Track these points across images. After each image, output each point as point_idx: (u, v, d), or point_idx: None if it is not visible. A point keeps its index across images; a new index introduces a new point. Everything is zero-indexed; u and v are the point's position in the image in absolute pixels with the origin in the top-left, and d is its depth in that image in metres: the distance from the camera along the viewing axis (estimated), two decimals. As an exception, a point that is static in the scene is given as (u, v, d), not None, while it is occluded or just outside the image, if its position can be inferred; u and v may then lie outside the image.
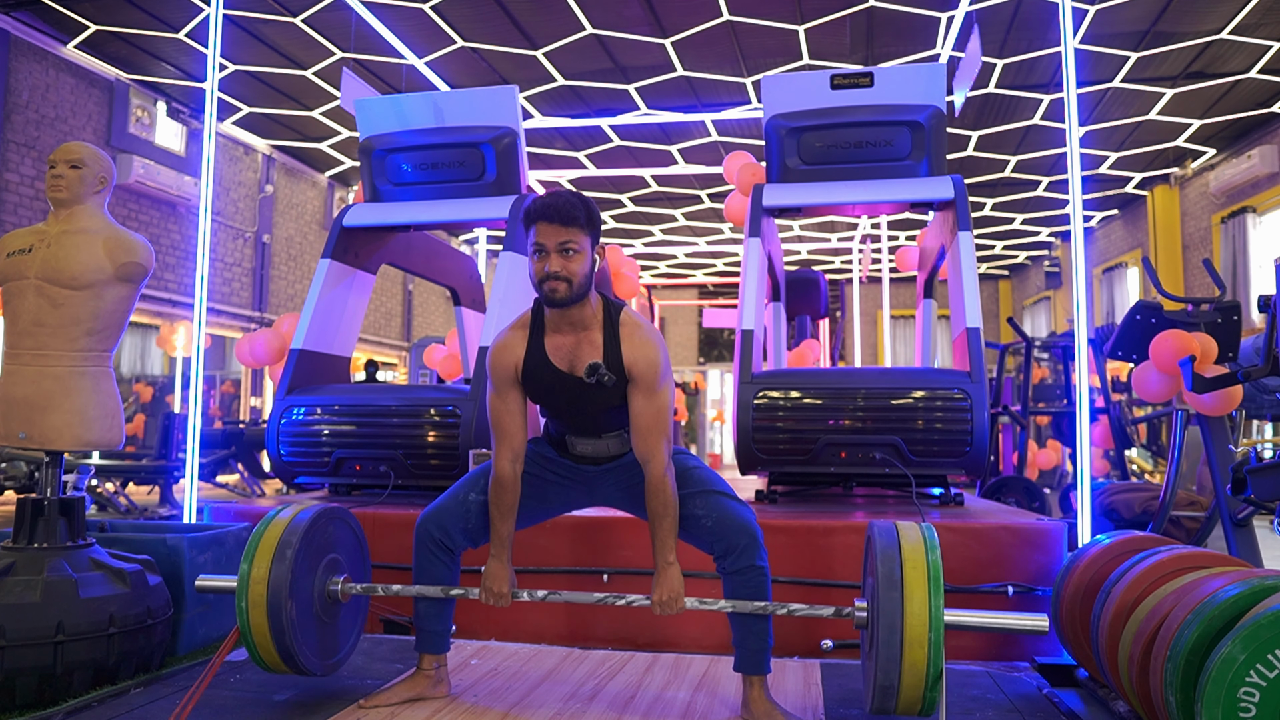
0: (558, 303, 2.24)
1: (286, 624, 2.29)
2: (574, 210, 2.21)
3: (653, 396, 2.27)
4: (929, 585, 1.98)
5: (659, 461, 2.26)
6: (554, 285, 2.21)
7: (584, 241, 2.24)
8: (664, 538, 2.27)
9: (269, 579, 2.30)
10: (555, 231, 2.21)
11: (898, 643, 1.94)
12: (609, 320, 2.31)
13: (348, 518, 2.63)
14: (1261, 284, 10.54)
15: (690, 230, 15.12)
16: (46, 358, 2.74)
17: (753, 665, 2.36)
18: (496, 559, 2.36)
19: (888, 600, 1.98)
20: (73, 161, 2.84)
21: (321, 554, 2.47)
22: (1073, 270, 3.54)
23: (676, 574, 2.26)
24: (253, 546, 2.35)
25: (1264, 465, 2.82)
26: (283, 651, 2.32)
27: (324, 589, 2.47)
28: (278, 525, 2.40)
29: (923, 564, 2.01)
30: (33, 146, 8.62)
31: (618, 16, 7.86)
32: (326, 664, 2.48)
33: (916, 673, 1.94)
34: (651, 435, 2.27)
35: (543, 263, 2.22)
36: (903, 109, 4.11)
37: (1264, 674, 1.71)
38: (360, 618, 2.70)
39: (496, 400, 2.36)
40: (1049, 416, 7.43)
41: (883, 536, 2.13)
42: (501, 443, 2.35)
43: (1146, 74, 9.05)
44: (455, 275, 5.22)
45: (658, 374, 2.28)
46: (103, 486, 7.29)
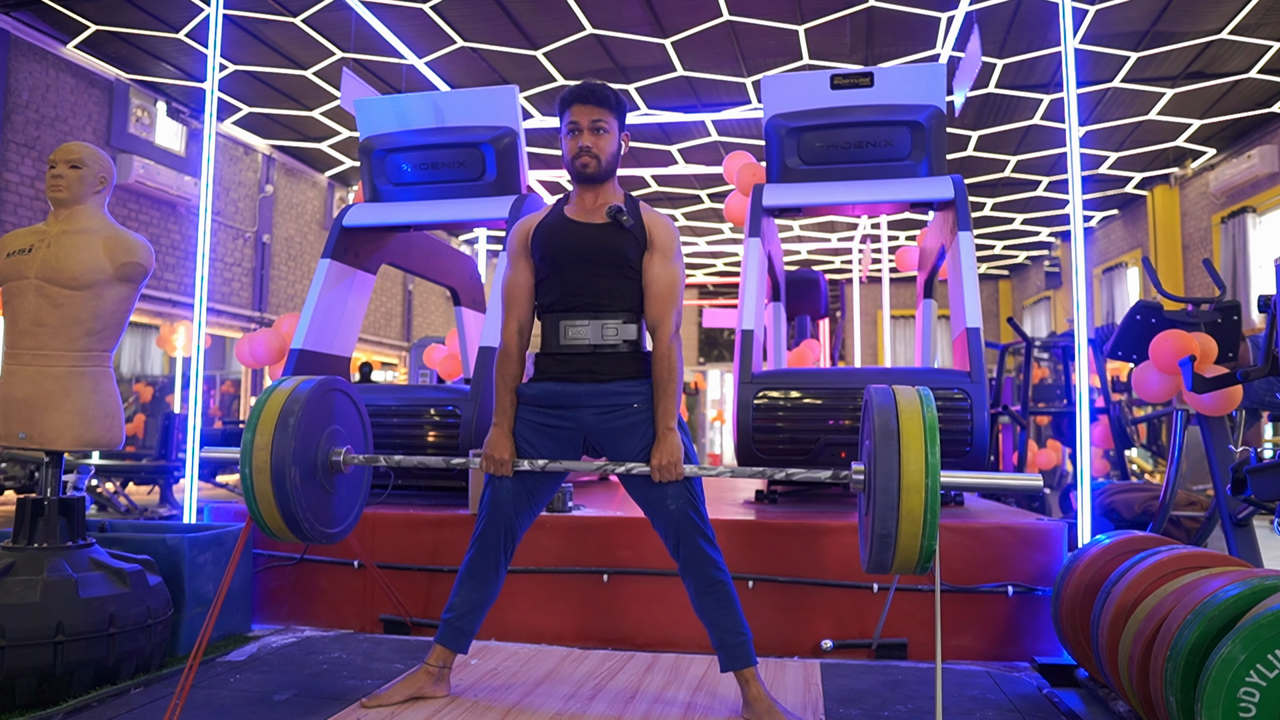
0: (588, 177, 2.44)
1: (290, 490, 2.32)
2: (605, 93, 2.44)
3: (668, 264, 2.44)
4: (925, 436, 1.98)
5: (667, 328, 2.40)
6: (585, 160, 2.43)
7: (612, 122, 2.45)
8: (666, 404, 2.37)
9: (272, 446, 2.32)
10: (588, 111, 2.42)
11: (895, 489, 1.94)
12: (629, 199, 2.53)
13: (350, 391, 2.66)
14: (1261, 284, 10.54)
15: (690, 230, 15.12)
16: (46, 358, 2.75)
17: (736, 660, 2.35)
18: (499, 427, 2.45)
19: (885, 450, 1.98)
20: (73, 161, 2.84)
21: (324, 424, 2.50)
22: (1073, 270, 3.54)
23: (677, 440, 2.35)
24: (255, 415, 2.38)
25: (1264, 465, 2.82)
26: (287, 517, 2.35)
27: (326, 458, 2.50)
28: (280, 394, 2.42)
29: (919, 417, 2.02)
30: (33, 146, 8.62)
31: (618, 16, 7.85)
32: (328, 532, 2.51)
33: (914, 519, 1.94)
34: (663, 302, 2.41)
35: (576, 140, 2.43)
36: (903, 109, 4.11)
37: (1264, 674, 1.71)
38: (362, 493, 2.73)
39: (509, 274, 2.54)
40: (1049, 416, 7.43)
41: (879, 396, 2.14)
42: (510, 312, 2.52)
43: (1146, 74, 9.04)
44: (455, 275, 5.22)
45: (674, 245, 2.46)
46: (103, 486, 7.29)
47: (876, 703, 2.54)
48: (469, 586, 2.48)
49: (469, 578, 2.49)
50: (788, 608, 3.16)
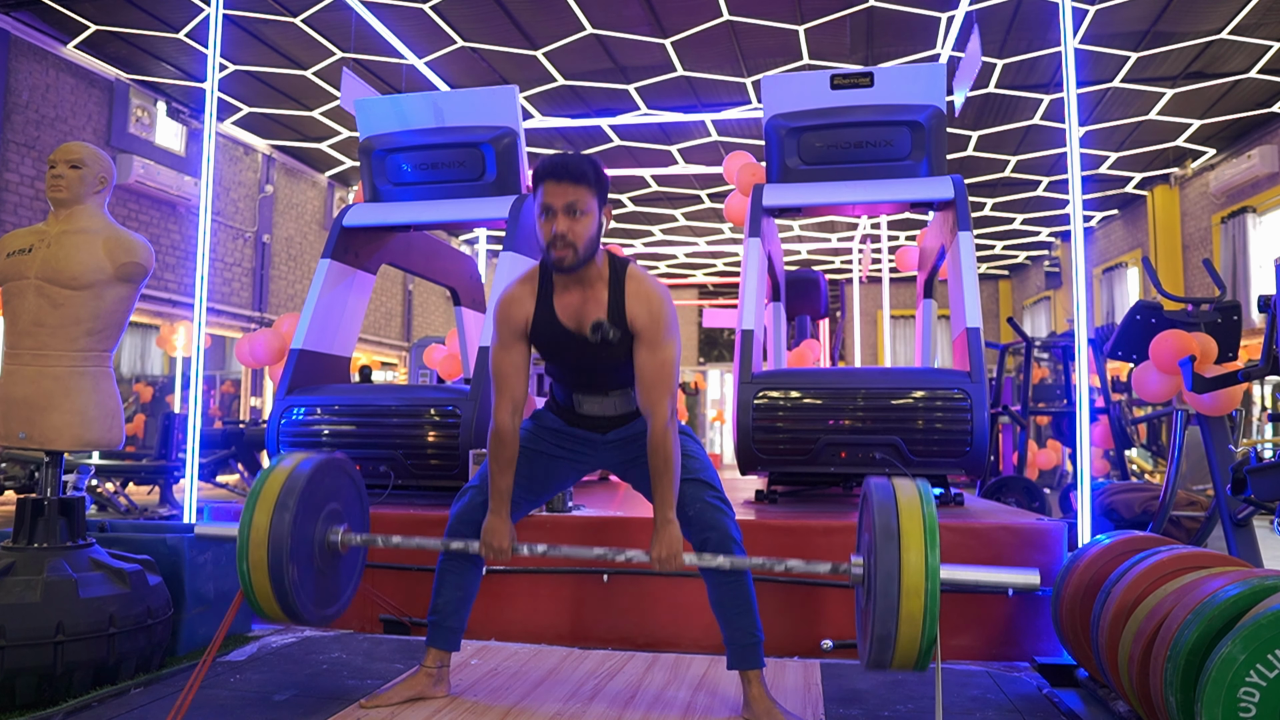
0: (565, 269, 2.24)
1: (286, 573, 2.28)
2: (582, 169, 2.20)
3: (656, 350, 2.27)
4: (925, 537, 1.98)
5: (661, 416, 2.25)
6: (561, 253, 2.21)
7: (591, 202, 2.22)
8: (664, 494, 2.26)
9: (270, 528, 2.29)
10: (563, 191, 2.19)
11: (895, 592, 1.94)
12: (615, 276, 2.31)
13: (348, 468, 2.63)
14: (1261, 284, 10.54)
15: (690, 230, 15.12)
16: (46, 358, 2.74)
17: (745, 660, 2.36)
18: (496, 514, 2.36)
19: (885, 551, 1.98)
20: (73, 161, 2.84)
21: (322, 504, 2.47)
22: (1073, 270, 3.54)
23: (676, 531, 2.25)
24: (255, 494, 2.35)
25: (1264, 465, 2.82)
26: (282, 600, 2.31)
27: (324, 539, 2.46)
28: (279, 474, 2.39)
29: (919, 516, 2.02)
30: (33, 146, 8.62)
31: (618, 16, 7.85)
32: (324, 613, 2.47)
33: (913, 623, 1.94)
34: (655, 389, 2.26)
35: (550, 224, 2.21)
36: (903, 109, 4.11)
37: (1264, 674, 1.71)
38: (359, 568, 2.69)
39: (501, 352, 2.37)
40: (1049, 416, 7.43)
41: (879, 492, 2.14)
42: (502, 394, 2.35)
43: (1146, 74, 9.04)
44: (455, 275, 5.22)
45: (661, 328, 2.28)
46: (103, 486, 7.29)
47: (876, 703, 2.54)
48: (449, 585, 2.49)
49: (447, 576, 2.49)
50: (788, 608, 3.16)
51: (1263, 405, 9.91)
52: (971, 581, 2.11)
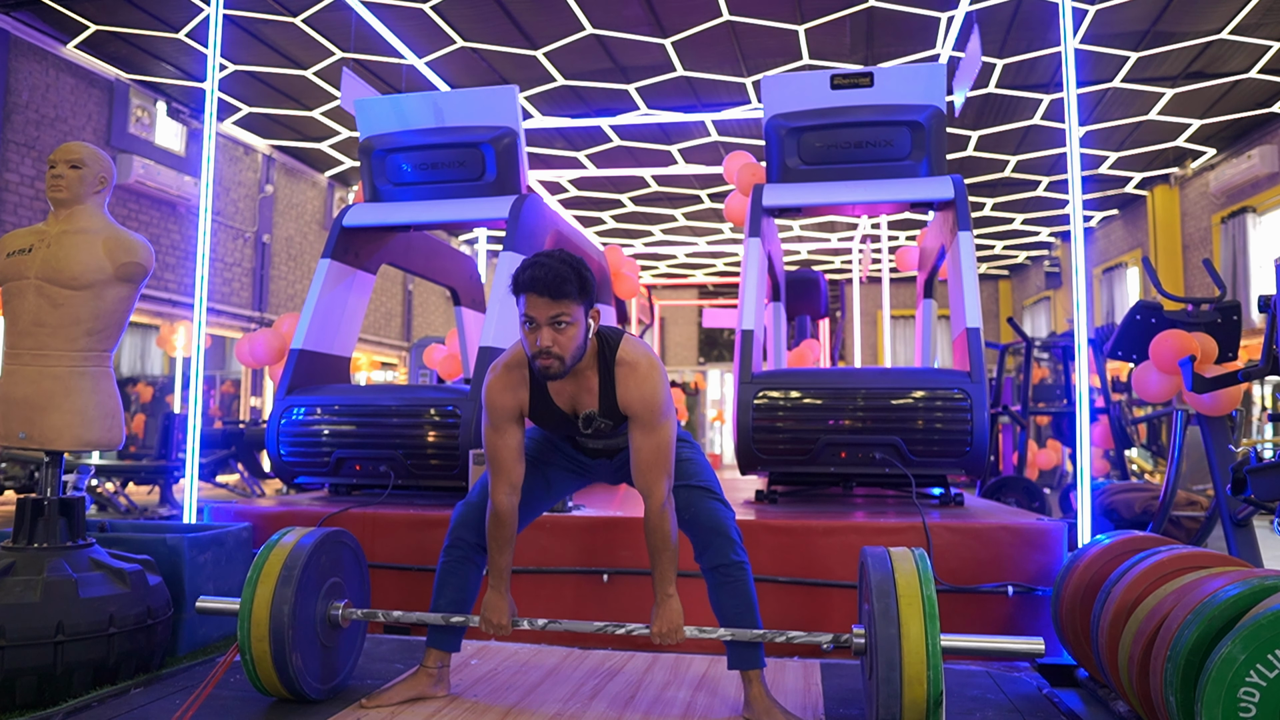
0: (551, 378, 2.19)
1: (288, 651, 2.28)
2: (564, 283, 2.10)
3: (651, 433, 2.24)
4: (924, 620, 2.00)
5: (657, 498, 2.24)
6: (546, 363, 2.15)
7: (576, 312, 2.14)
8: (663, 571, 2.27)
9: (271, 605, 2.29)
10: (545, 305, 2.11)
11: (897, 680, 1.97)
12: (604, 363, 2.27)
13: (348, 540, 2.63)
14: (1261, 284, 10.54)
15: (690, 230, 15.12)
16: (46, 358, 2.74)
17: (746, 660, 2.36)
18: (495, 590, 2.35)
19: (885, 636, 2.00)
20: (73, 161, 2.84)
21: (323, 579, 2.46)
22: (1073, 270, 3.54)
23: (676, 606, 2.27)
24: (256, 571, 2.35)
25: (1264, 465, 2.82)
26: (284, 677, 2.32)
27: (325, 614, 2.46)
28: (281, 550, 2.39)
29: (918, 599, 2.03)
30: (33, 146, 8.62)
31: (618, 16, 7.85)
32: (326, 688, 2.47)
33: (917, 707, 1.98)
34: (651, 471, 2.24)
35: (534, 336, 2.15)
36: (903, 109, 4.11)
37: (1264, 674, 1.71)
38: (359, 640, 2.69)
39: (494, 436, 2.32)
40: (1049, 416, 7.43)
41: (876, 568, 2.14)
42: (498, 477, 2.32)
43: (1146, 74, 9.04)
44: (455, 275, 5.22)
45: (655, 412, 2.24)
46: (103, 486, 7.29)
47: (876, 703, 2.54)
48: (449, 587, 2.49)
49: (448, 577, 2.49)
50: (788, 608, 3.16)
51: (1263, 405, 9.91)
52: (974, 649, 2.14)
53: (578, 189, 12.70)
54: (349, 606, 2.52)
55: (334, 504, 3.69)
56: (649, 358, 2.29)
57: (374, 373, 14.66)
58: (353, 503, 3.71)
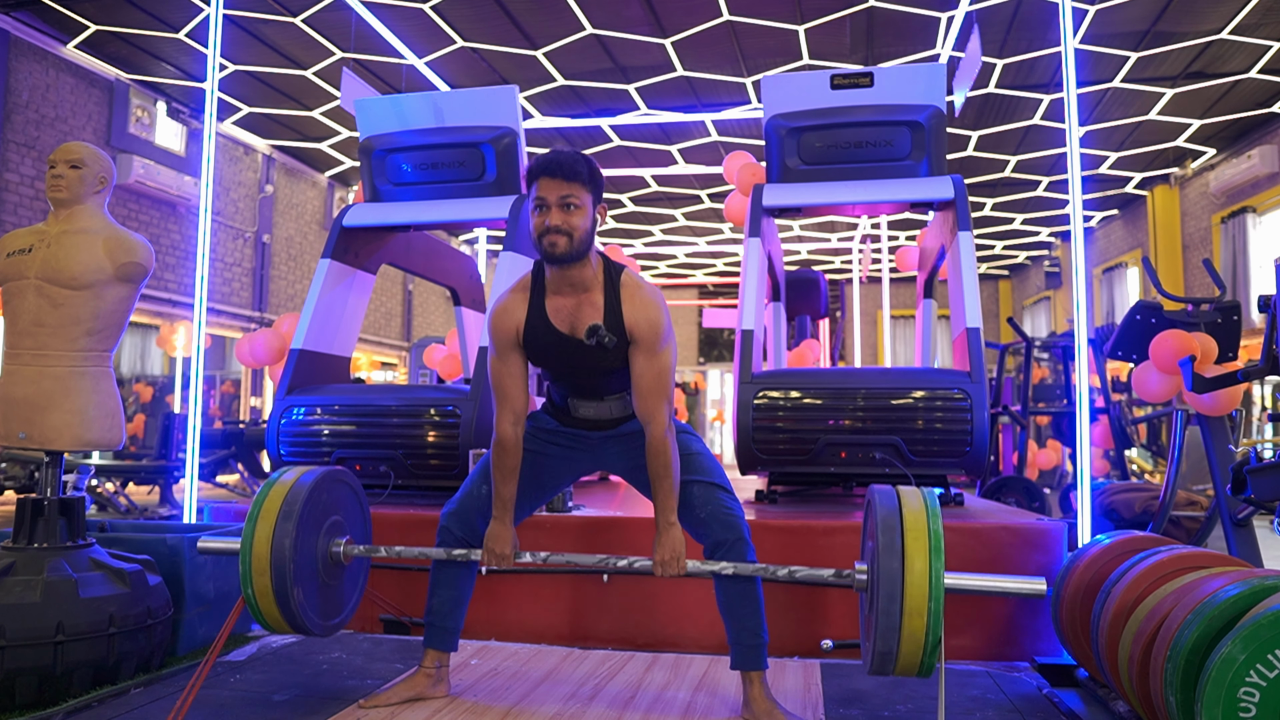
0: (558, 258, 2.22)
1: (290, 586, 2.29)
2: (576, 166, 2.22)
3: (653, 358, 2.28)
4: (929, 554, 1.96)
5: (659, 423, 2.27)
6: (554, 239, 2.20)
7: (585, 197, 2.24)
8: (664, 499, 2.28)
9: (272, 541, 2.30)
10: (556, 186, 2.21)
11: (897, 612, 1.94)
12: (610, 281, 2.31)
13: (350, 480, 2.64)
14: (1261, 284, 10.54)
15: (690, 230, 15.11)
16: (46, 358, 2.74)
17: (749, 661, 2.36)
18: (499, 520, 2.38)
19: (888, 569, 1.96)
20: (73, 161, 2.84)
21: (324, 516, 2.47)
22: (1073, 270, 3.54)
23: (678, 534, 2.28)
24: (256, 509, 2.36)
25: (1264, 465, 2.82)
26: (286, 612, 2.33)
27: (327, 551, 2.48)
28: (281, 487, 2.40)
29: (924, 532, 1.99)
30: (33, 146, 8.62)
31: (618, 16, 7.85)
32: (328, 625, 2.48)
33: (915, 641, 1.94)
34: (652, 396, 2.27)
35: (543, 217, 2.21)
36: (903, 109, 4.11)
37: (1264, 674, 1.71)
38: (361, 579, 2.70)
39: (498, 363, 2.37)
40: (1049, 416, 7.43)
41: (884, 502, 2.10)
42: (503, 405, 2.36)
43: (1146, 74, 9.04)
44: (455, 275, 5.22)
45: (658, 335, 2.28)
46: (103, 486, 7.29)
47: (876, 703, 2.54)
48: (443, 585, 2.49)
49: (440, 576, 2.49)
50: (789, 608, 3.16)
51: (1263, 405, 9.91)
52: (976, 588, 2.11)
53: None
54: (350, 543, 2.52)
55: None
56: (652, 286, 2.36)
57: (374, 373, 14.66)
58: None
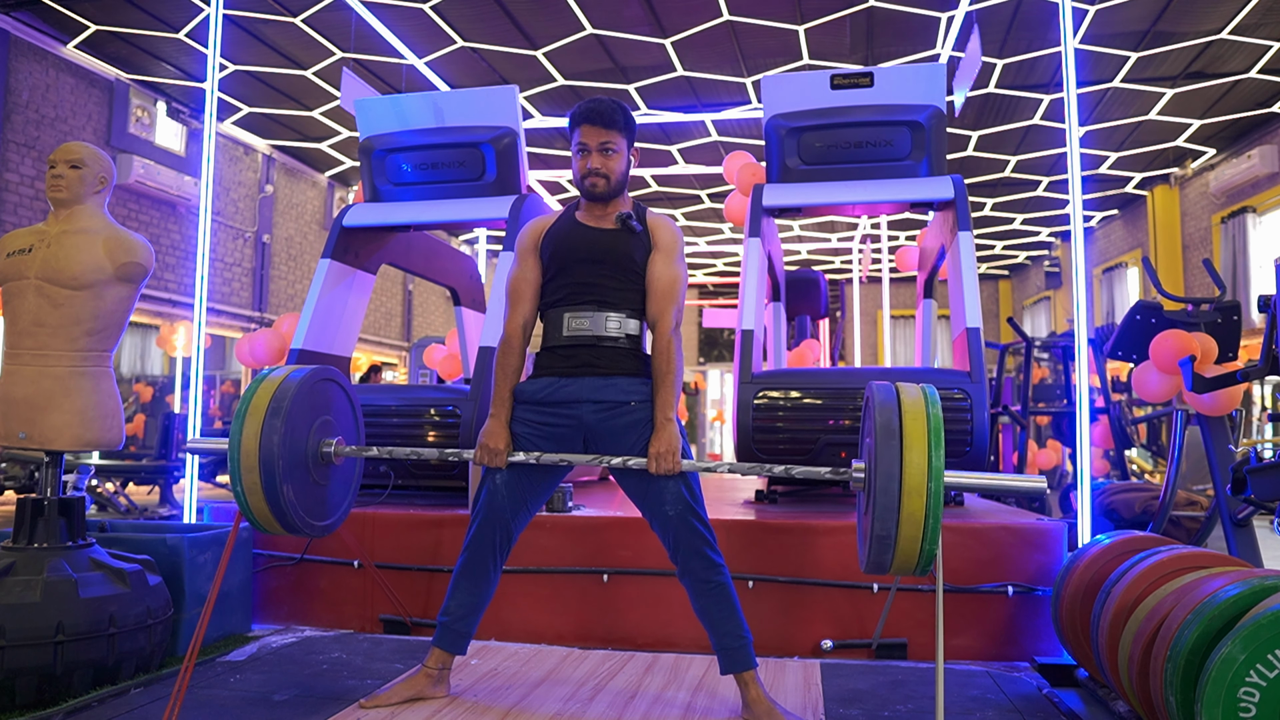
0: (598, 196, 2.50)
1: (279, 483, 2.26)
2: (614, 114, 2.49)
3: (670, 265, 2.49)
4: (929, 437, 1.92)
5: (666, 323, 2.44)
6: (595, 180, 2.48)
7: (621, 143, 2.51)
8: (665, 395, 2.39)
9: (260, 436, 2.26)
10: (597, 133, 2.47)
11: (895, 490, 1.89)
12: (637, 207, 2.61)
13: (340, 380, 2.60)
14: (1261, 284, 10.53)
15: (690, 230, 15.12)
16: (46, 358, 2.75)
17: (737, 663, 2.35)
18: (496, 418, 2.46)
19: (886, 449, 1.91)
20: (73, 161, 2.84)
21: (314, 415, 2.44)
22: (1073, 270, 3.54)
23: (674, 430, 2.37)
24: (245, 405, 2.31)
25: (1264, 465, 2.82)
26: (276, 510, 2.29)
27: (317, 449, 2.45)
28: (270, 384, 2.35)
29: (922, 415, 1.96)
30: (33, 146, 8.62)
31: (618, 16, 7.85)
32: (319, 525, 2.45)
33: (914, 523, 1.88)
34: (665, 298, 2.46)
35: (585, 160, 2.49)
36: (903, 109, 4.11)
37: (1264, 674, 1.71)
38: (354, 484, 2.66)
39: (516, 270, 2.57)
40: (1049, 416, 7.43)
41: (881, 393, 2.06)
42: (515, 307, 2.55)
43: (1146, 74, 9.04)
44: (455, 275, 5.22)
45: (676, 248, 2.53)
46: (103, 486, 7.29)
47: (876, 703, 2.54)
48: (464, 589, 2.47)
49: (464, 580, 2.48)
50: (788, 608, 3.16)
51: (1263, 405, 9.91)
52: (974, 484, 2.07)
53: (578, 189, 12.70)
54: (341, 443, 2.51)
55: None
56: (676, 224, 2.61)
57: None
58: (353, 503, 3.70)
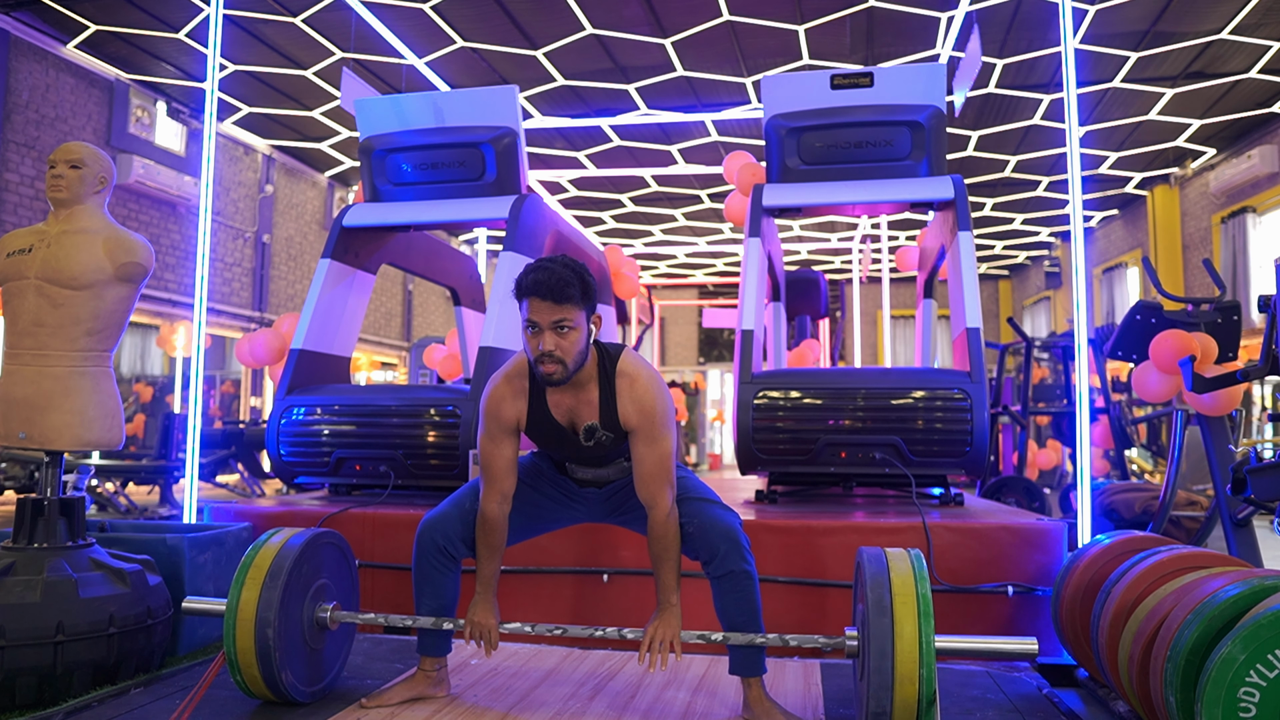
0: (554, 384, 2.21)
1: (273, 653, 2.27)
2: (567, 287, 2.14)
3: (653, 445, 2.26)
4: (919, 619, 1.98)
5: (662, 507, 2.26)
6: (550, 369, 2.18)
7: (578, 317, 2.17)
8: (666, 579, 2.28)
9: (257, 606, 2.27)
10: (548, 309, 2.14)
11: (889, 669, 1.95)
12: (604, 375, 2.29)
13: (338, 541, 2.61)
14: (1261, 284, 10.53)
15: (690, 230, 15.11)
16: (46, 358, 2.74)
17: (748, 666, 2.35)
18: (482, 598, 2.36)
19: (878, 629, 1.98)
20: (73, 161, 2.84)
21: (311, 580, 2.45)
22: (1073, 270, 3.54)
23: (676, 616, 2.26)
24: (242, 573, 2.34)
25: (1264, 465, 2.82)
26: (268, 679, 2.30)
27: (312, 616, 2.45)
28: (268, 551, 2.37)
29: (912, 597, 2.01)
30: (33, 146, 8.62)
31: (618, 16, 7.85)
32: (312, 691, 2.45)
33: (908, 707, 1.96)
34: (654, 481, 2.26)
35: (536, 340, 2.17)
36: (903, 109, 4.11)
37: (1264, 674, 1.71)
38: (347, 643, 2.67)
39: (489, 445, 2.33)
40: (1049, 416, 7.43)
41: (872, 564, 2.13)
42: (491, 485, 2.33)
43: (1146, 74, 9.04)
44: (455, 275, 5.22)
45: (656, 424, 2.25)
46: (103, 486, 7.29)
47: (876, 703, 2.54)
48: (427, 596, 2.43)
49: (425, 588, 2.43)
50: (788, 608, 3.16)
51: (1263, 405, 9.91)
52: (968, 650, 2.13)
53: (578, 189, 12.70)
54: (337, 608, 2.50)
55: (334, 504, 3.69)
56: (649, 370, 2.31)
57: (374, 373, 14.66)
58: (352, 503, 3.71)
